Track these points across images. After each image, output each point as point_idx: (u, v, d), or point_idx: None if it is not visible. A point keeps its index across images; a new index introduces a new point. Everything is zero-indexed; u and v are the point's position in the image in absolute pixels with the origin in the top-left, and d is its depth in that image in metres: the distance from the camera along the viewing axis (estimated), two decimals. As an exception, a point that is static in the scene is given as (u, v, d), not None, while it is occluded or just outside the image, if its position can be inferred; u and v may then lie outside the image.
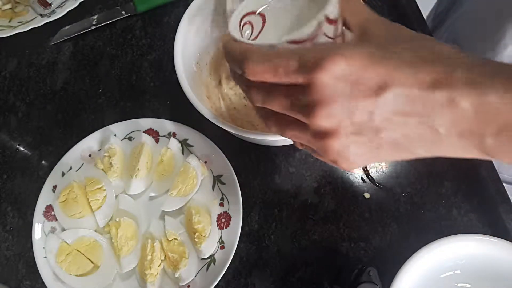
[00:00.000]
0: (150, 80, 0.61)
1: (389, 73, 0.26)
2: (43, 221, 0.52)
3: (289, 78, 0.28)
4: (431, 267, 0.46)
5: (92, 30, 0.65)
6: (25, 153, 0.59)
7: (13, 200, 0.56)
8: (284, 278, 0.50)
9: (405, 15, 0.61)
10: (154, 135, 0.55)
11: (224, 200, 0.52)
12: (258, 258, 0.51)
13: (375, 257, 0.50)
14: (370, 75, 0.26)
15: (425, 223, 0.51)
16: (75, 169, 0.54)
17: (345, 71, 0.26)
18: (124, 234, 0.50)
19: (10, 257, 0.53)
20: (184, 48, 0.48)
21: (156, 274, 0.48)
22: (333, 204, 0.52)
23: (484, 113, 0.25)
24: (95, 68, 0.63)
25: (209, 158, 0.53)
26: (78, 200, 0.51)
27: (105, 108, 0.60)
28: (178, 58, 0.46)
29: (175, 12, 0.65)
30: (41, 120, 0.61)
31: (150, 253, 0.48)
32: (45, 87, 0.63)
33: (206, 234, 0.49)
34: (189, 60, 0.49)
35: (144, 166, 0.53)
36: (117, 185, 0.53)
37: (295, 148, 0.54)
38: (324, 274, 0.49)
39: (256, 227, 0.52)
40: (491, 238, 0.46)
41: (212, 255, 0.49)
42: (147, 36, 0.65)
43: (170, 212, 0.51)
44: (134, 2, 0.65)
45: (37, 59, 0.65)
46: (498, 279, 0.46)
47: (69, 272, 0.49)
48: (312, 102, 0.27)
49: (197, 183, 0.51)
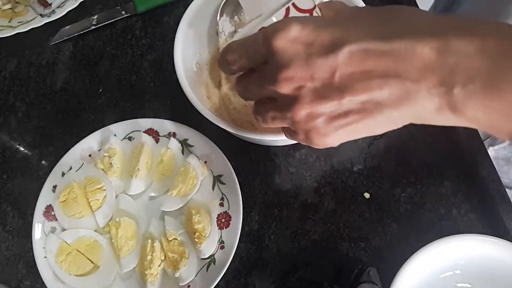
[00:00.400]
0: (150, 80, 0.61)
1: (345, 32, 0.26)
2: (43, 221, 0.52)
3: (260, 55, 0.29)
4: (431, 267, 0.46)
5: (92, 30, 0.65)
6: (25, 153, 0.59)
7: (13, 200, 0.56)
8: (284, 278, 0.50)
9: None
10: (154, 135, 0.55)
11: (224, 200, 0.52)
12: (258, 258, 0.51)
13: (375, 257, 0.50)
14: (325, 35, 0.26)
15: (425, 223, 0.51)
16: (75, 169, 0.54)
17: (299, 34, 0.27)
18: (124, 234, 0.50)
19: (10, 257, 0.53)
20: (184, 48, 0.48)
21: (156, 274, 0.48)
22: (333, 204, 0.52)
23: (448, 62, 0.24)
24: (95, 68, 0.63)
25: (209, 158, 0.53)
26: (78, 200, 0.51)
27: (105, 108, 0.60)
28: (178, 58, 0.46)
29: (175, 12, 0.65)
30: (41, 120, 0.61)
31: (150, 253, 0.48)
32: (45, 87, 0.63)
33: (206, 234, 0.49)
34: (189, 60, 0.49)
35: (144, 166, 0.53)
36: (117, 185, 0.53)
37: (295, 148, 0.55)
38: (324, 274, 0.49)
39: (256, 227, 0.52)
40: (491, 238, 0.46)
41: (212, 255, 0.49)
42: (147, 36, 0.65)
43: (170, 212, 0.51)
44: (134, 2, 0.65)
45: (37, 59, 0.65)
46: (498, 279, 0.46)
47: (69, 272, 0.49)
48: (274, 70, 0.28)
49: (197, 183, 0.51)
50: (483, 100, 0.24)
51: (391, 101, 0.26)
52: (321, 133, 0.29)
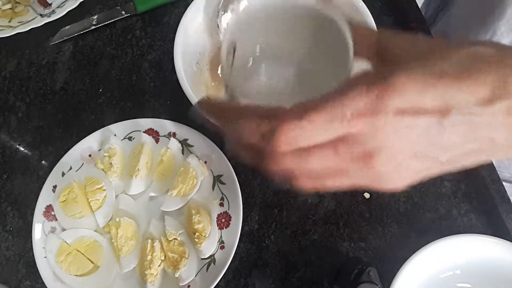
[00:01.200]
0: (150, 80, 0.61)
1: (445, 94, 0.24)
2: (43, 221, 0.52)
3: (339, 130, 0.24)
4: (431, 267, 0.46)
5: (92, 30, 0.65)
6: (25, 153, 0.59)
7: (13, 200, 0.56)
8: (284, 278, 0.50)
9: (405, 15, 0.61)
10: (154, 135, 0.55)
11: (224, 200, 0.52)
12: (258, 258, 0.51)
13: (375, 257, 0.50)
14: (428, 100, 0.24)
15: (425, 223, 0.51)
16: (75, 169, 0.54)
17: (403, 102, 0.24)
18: (124, 234, 0.50)
19: (10, 257, 0.53)
20: (184, 48, 0.48)
21: (156, 274, 0.48)
22: (333, 204, 0.52)
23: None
24: (95, 68, 0.63)
25: (209, 158, 0.53)
26: (78, 200, 0.51)
27: (105, 108, 0.60)
28: (178, 58, 0.46)
29: (175, 12, 0.65)
30: (41, 120, 0.61)
31: (150, 253, 0.48)
32: (45, 87, 0.63)
33: (206, 234, 0.49)
34: (189, 60, 0.49)
35: (144, 166, 0.53)
36: (117, 185, 0.53)
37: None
38: (324, 274, 0.49)
39: (256, 227, 0.52)
40: (491, 238, 0.46)
41: (212, 255, 0.49)
42: (147, 36, 0.65)
43: (170, 212, 0.51)
44: (134, 2, 0.65)
45: (37, 59, 0.65)
46: (498, 279, 0.46)
47: (69, 272, 0.49)
48: (371, 150, 0.24)
49: (197, 183, 0.51)
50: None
51: (477, 155, 0.26)
52: (401, 181, 0.27)
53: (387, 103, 0.23)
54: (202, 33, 0.51)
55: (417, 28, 0.59)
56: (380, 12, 0.62)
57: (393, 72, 0.24)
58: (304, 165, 0.26)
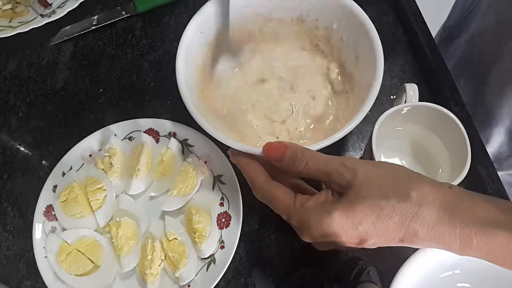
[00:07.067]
0: (150, 80, 0.62)
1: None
2: (44, 221, 0.52)
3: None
4: (431, 267, 0.46)
5: (92, 30, 0.65)
6: (25, 153, 0.59)
7: (14, 200, 0.56)
8: (284, 278, 0.50)
9: (405, 15, 0.61)
10: (154, 135, 0.55)
11: (224, 200, 0.52)
12: (258, 258, 0.51)
13: (375, 257, 0.50)
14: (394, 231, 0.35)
15: (425, 223, 0.51)
16: (75, 169, 0.54)
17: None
18: (124, 234, 0.50)
19: (11, 257, 0.53)
20: (187, 53, 0.48)
21: (156, 274, 0.48)
22: (333, 204, 0.52)
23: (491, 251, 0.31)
24: (95, 68, 0.63)
25: (209, 158, 0.53)
26: (78, 200, 0.51)
27: (105, 108, 0.60)
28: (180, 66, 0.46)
29: (175, 12, 0.65)
30: (41, 120, 0.61)
31: (150, 252, 0.48)
32: (46, 87, 0.63)
33: (206, 234, 0.49)
34: (191, 66, 0.49)
35: (145, 166, 0.53)
36: (118, 185, 0.53)
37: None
38: (324, 274, 0.49)
39: (256, 227, 0.52)
40: (491, 238, 0.46)
41: (212, 254, 0.49)
42: (147, 36, 0.65)
43: (170, 212, 0.51)
44: (134, 2, 0.66)
45: (37, 59, 0.65)
46: (498, 279, 0.46)
47: (70, 272, 0.49)
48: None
49: (197, 183, 0.51)
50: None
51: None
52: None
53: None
54: (205, 40, 0.51)
55: (417, 29, 0.59)
56: (380, 12, 0.63)
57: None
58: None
